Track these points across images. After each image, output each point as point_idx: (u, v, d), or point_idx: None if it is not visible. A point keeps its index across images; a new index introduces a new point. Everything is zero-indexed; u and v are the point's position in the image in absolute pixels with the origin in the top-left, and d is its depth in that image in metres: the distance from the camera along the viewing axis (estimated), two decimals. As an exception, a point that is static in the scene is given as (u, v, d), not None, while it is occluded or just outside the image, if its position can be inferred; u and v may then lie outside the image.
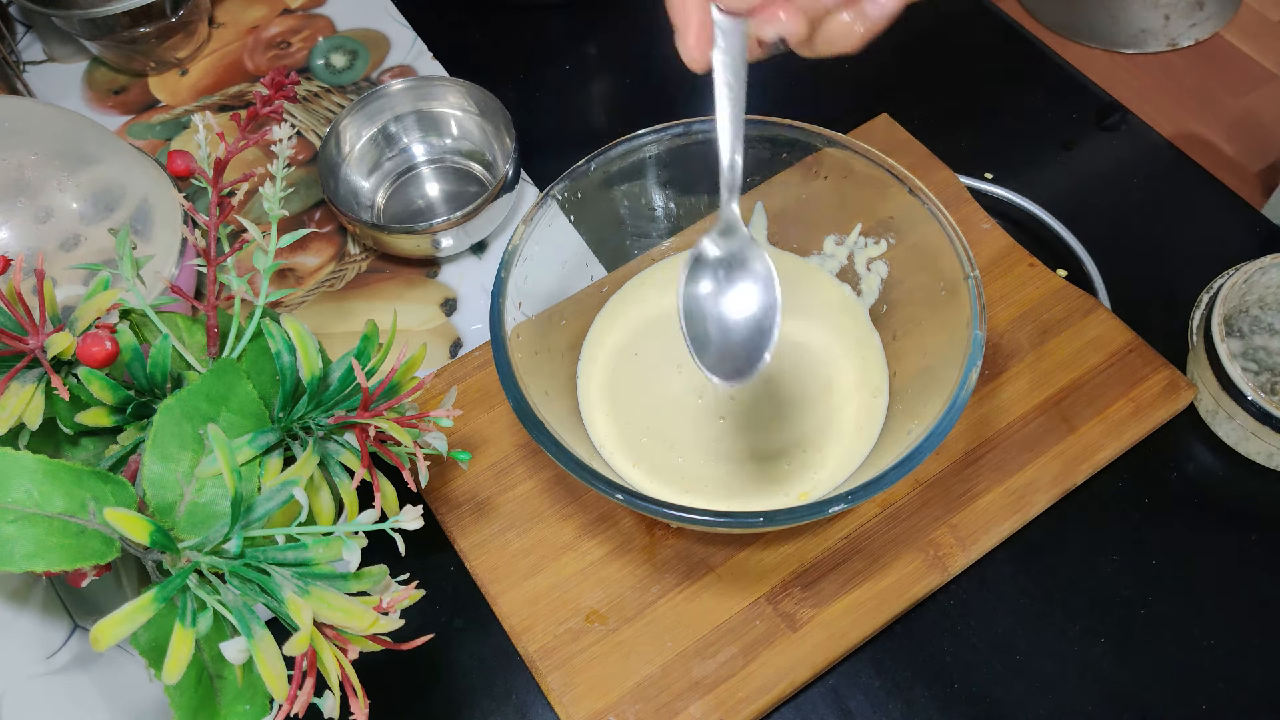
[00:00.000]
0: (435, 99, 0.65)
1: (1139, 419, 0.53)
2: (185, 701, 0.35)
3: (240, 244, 0.43)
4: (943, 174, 0.61)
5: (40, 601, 0.51)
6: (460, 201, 0.65)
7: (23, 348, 0.39)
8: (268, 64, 0.74)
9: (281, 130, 0.42)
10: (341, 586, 0.35)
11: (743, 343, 0.40)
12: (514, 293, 0.47)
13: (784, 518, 0.41)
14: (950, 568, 0.49)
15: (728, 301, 0.41)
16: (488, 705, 0.49)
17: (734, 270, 0.41)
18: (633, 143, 0.50)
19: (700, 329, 0.41)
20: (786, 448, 0.50)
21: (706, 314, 0.41)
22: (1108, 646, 0.49)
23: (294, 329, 0.40)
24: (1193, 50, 1.52)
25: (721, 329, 0.41)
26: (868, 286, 0.54)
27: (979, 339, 0.43)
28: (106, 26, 0.69)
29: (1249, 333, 0.56)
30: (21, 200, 0.53)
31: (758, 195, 0.54)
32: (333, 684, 0.34)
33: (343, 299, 0.62)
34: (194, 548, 0.36)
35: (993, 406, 0.53)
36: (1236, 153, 1.42)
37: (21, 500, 0.34)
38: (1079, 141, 0.66)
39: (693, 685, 0.47)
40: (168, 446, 0.38)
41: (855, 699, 0.48)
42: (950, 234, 0.46)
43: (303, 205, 0.66)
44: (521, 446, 0.53)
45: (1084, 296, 0.56)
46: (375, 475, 0.41)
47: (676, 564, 0.50)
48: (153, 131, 0.70)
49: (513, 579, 0.50)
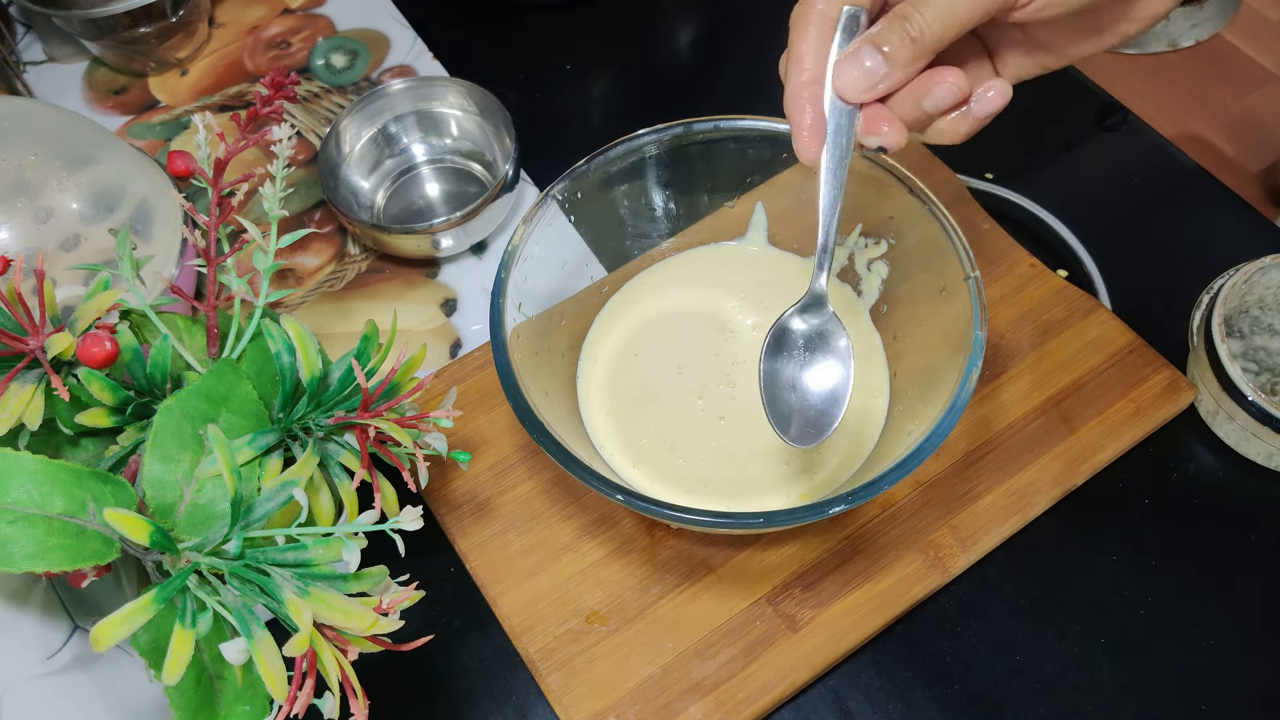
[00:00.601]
0: (435, 99, 0.65)
1: (1139, 419, 0.53)
2: (185, 702, 0.35)
3: (240, 244, 0.43)
4: (943, 174, 0.61)
5: (40, 602, 0.51)
6: (460, 201, 0.65)
7: (23, 348, 0.38)
8: (268, 64, 0.74)
9: (281, 130, 0.42)
10: (341, 587, 0.35)
11: (816, 410, 0.43)
12: (514, 293, 0.47)
13: (784, 518, 0.41)
14: (951, 568, 0.49)
15: (807, 375, 0.44)
16: (488, 706, 0.49)
17: (815, 346, 0.44)
18: (633, 143, 0.50)
19: (777, 396, 0.44)
20: (787, 448, 0.50)
21: (783, 383, 0.44)
22: (1108, 646, 0.49)
23: (294, 329, 0.40)
24: (1193, 50, 1.52)
25: (799, 397, 0.44)
26: (868, 286, 0.54)
27: (979, 339, 0.43)
28: (106, 26, 0.69)
29: (1249, 333, 0.56)
30: (21, 200, 0.53)
31: (758, 195, 0.54)
32: (332, 685, 0.34)
33: (343, 299, 0.62)
34: (194, 548, 0.36)
35: (993, 407, 0.53)
36: (1236, 153, 1.42)
37: (21, 501, 0.34)
38: (1079, 141, 0.66)
39: (693, 686, 0.47)
40: (168, 447, 0.38)
41: (855, 700, 0.48)
42: (950, 234, 0.46)
43: (303, 205, 0.66)
44: (521, 447, 0.53)
45: (1084, 297, 0.56)
46: (375, 476, 0.41)
47: (677, 565, 0.50)
48: (153, 132, 0.70)
49: (513, 580, 0.50)
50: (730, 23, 0.75)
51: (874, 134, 0.39)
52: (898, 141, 0.39)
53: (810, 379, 0.44)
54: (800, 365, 0.44)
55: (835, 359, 0.44)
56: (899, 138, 0.39)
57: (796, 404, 0.44)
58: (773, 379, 0.44)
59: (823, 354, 0.44)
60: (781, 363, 0.44)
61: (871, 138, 0.39)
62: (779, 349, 0.44)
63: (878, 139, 0.39)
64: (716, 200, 0.55)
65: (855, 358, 0.44)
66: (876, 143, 0.39)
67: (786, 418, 0.43)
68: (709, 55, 0.74)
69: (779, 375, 0.44)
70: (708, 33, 0.75)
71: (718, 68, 0.72)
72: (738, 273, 0.56)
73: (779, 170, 0.52)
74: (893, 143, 0.39)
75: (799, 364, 0.44)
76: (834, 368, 0.44)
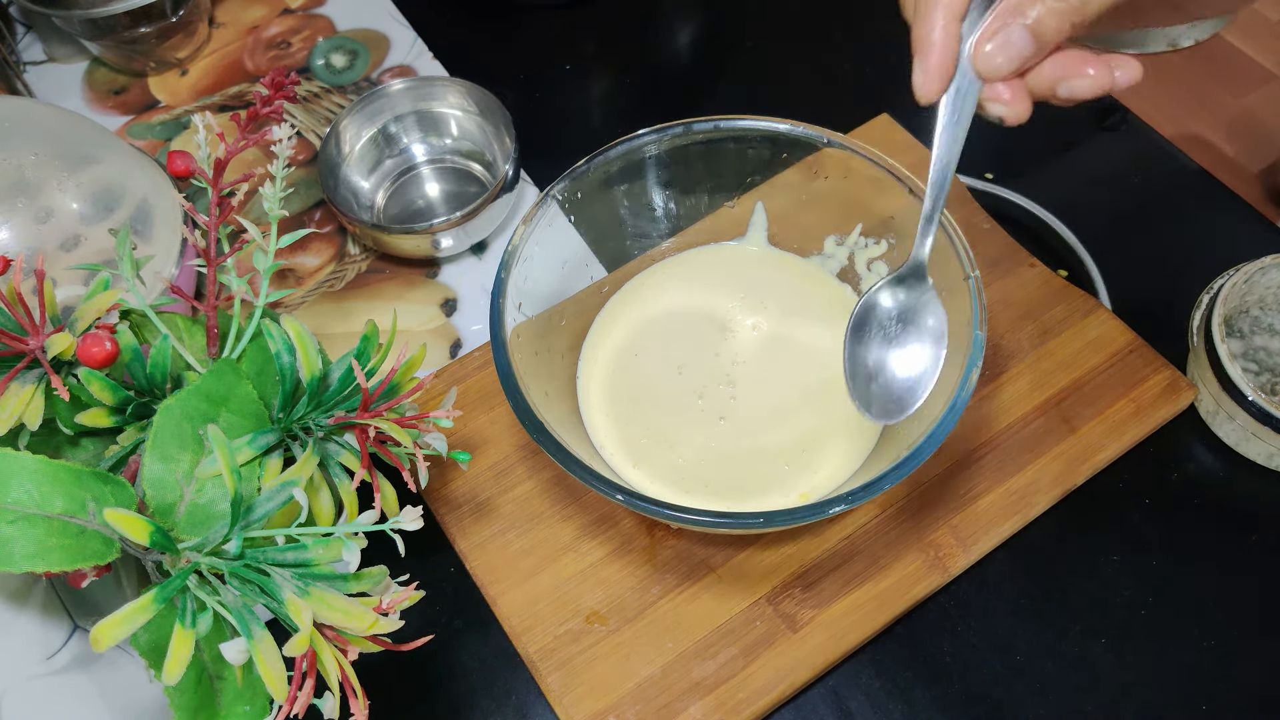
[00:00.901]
0: (435, 99, 0.65)
1: (1139, 419, 0.53)
2: (185, 702, 0.35)
3: (240, 244, 0.43)
4: (943, 174, 0.61)
5: (40, 602, 0.51)
6: (460, 201, 0.65)
7: (23, 348, 0.38)
8: (268, 64, 0.74)
9: (281, 130, 0.42)
10: (341, 587, 0.35)
11: (900, 388, 0.42)
12: (514, 293, 0.47)
13: (784, 518, 0.41)
14: (950, 568, 0.49)
15: (895, 353, 0.43)
16: (488, 706, 0.49)
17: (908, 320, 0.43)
18: (633, 143, 0.50)
19: (862, 369, 0.43)
20: (786, 448, 0.50)
21: (871, 358, 0.43)
22: (1108, 646, 0.49)
23: (294, 329, 0.40)
24: (1193, 50, 1.51)
25: (885, 373, 0.43)
26: (868, 286, 0.54)
27: (979, 339, 0.43)
28: (106, 26, 0.69)
29: (1249, 333, 0.56)
30: (21, 200, 0.53)
31: (758, 195, 0.54)
32: (332, 685, 0.34)
33: (343, 299, 0.62)
34: (194, 548, 0.36)
35: (993, 407, 0.53)
36: (1236, 153, 1.42)
37: (21, 500, 0.34)
38: (1079, 141, 0.66)
39: (693, 686, 0.47)
40: (168, 447, 0.38)
41: (856, 700, 0.48)
42: (950, 234, 0.46)
43: (303, 205, 0.66)
44: (521, 447, 0.53)
45: (1084, 297, 0.56)
46: (375, 476, 0.41)
47: (677, 565, 0.50)
48: (153, 131, 0.70)
49: (513, 580, 0.50)
50: (730, 23, 0.75)
51: (999, 101, 0.37)
52: (1021, 116, 0.37)
53: (898, 359, 0.42)
54: (889, 343, 0.42)
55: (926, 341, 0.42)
56: (1024, 111, 0.37)
57: (880, 379, 0.42)
58: (857, 355, 0.42)
59: (915, 335, 0.42)
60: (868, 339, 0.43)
61: (996, 105, 0.37)
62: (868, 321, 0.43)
63: (1002, 107, 0.37)
64: (716, 200, 0.55)
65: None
66: (1000, 112, 0.37)
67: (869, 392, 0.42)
68: (709, 55, 0.74)
69: (864, 351, 0.43)
70: (708, 33, 0.75)
71: (718, 68, 0.72)
72: (738, 273, 0.56)
73: (779, 170, 0.52)
74: (1015, 116, 0.37)
75: (887, 341, 0.42)
76: (925, 351, 0.42)
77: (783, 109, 0.51)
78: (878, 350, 0.43)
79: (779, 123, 0.50)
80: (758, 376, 0.52)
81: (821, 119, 0.50)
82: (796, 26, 0.74)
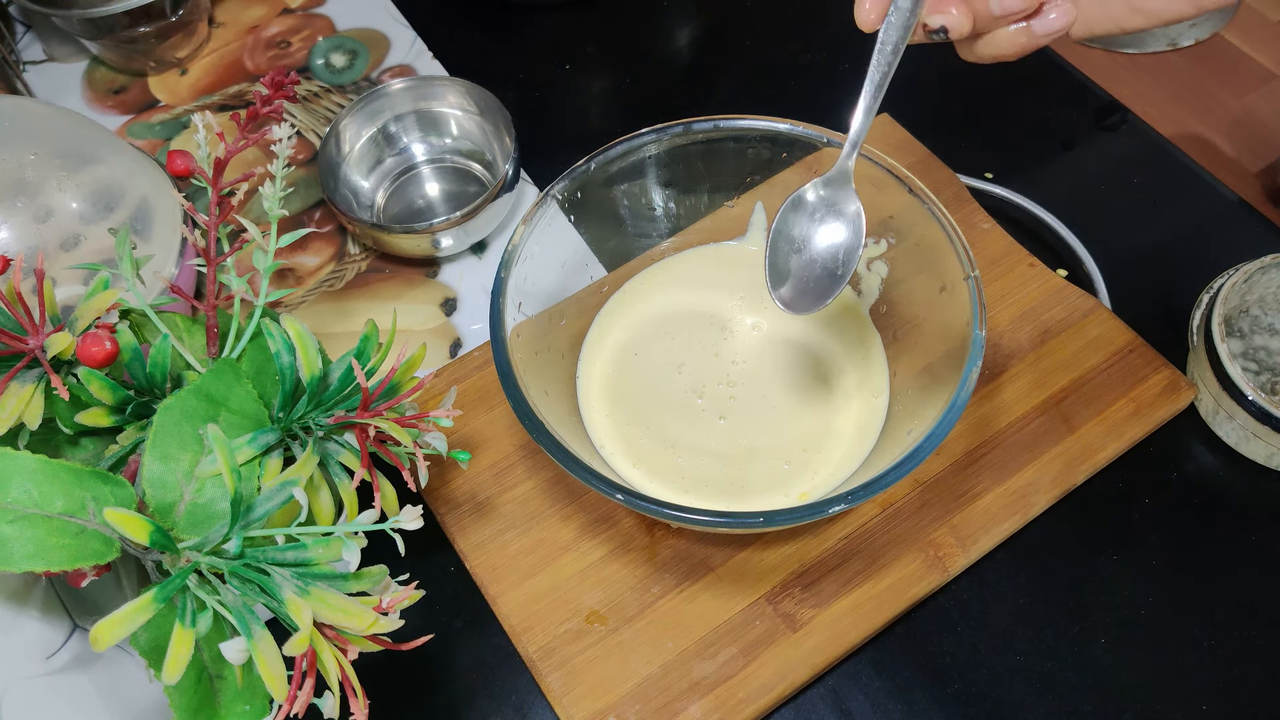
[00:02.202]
0: (435, 99, 0.65)
1: (1139, 419, 0.53)
2: (185, 702, 0.35)
3: (240, 244, 0.43)
4: (943, 174, 0.61)
5: (40, 601, 0.51)
6: (460, 201, 0.65)
7: (23, 348, 0.38)
8: (268, 64, 0.74)
9: (281, 130, 0.42)
10: (341, 587, 0.35)
11: (818, 279, 0.44)
12: (514, 293, 0.47)
13: (784, 518, 0.41)
14: (950, 568, 0.49)
15: (815, 238, 0.44)
16: (488, 705, 0.49)
17: (827, 213, 0.44)
18: (633, 143, 0.50)
19: (781, 263, 0.44)
20: (786, 448, 0.50)
21: (790, 248, 0.44)
22: (1108, 646, 0.49)
23: (294, 329, 0.40)
24: (1193, 50, 1.52)
25: (802, 264, 0.44)
26: (868, 286, 0.54)
27: (979, 339, 0.43)
28: (106, 26, 0.69)
29: (1249, 333, 0.56)
30: (21, 200, 0.53)
31: (758, 195, 0.54)
32: (332, 684, 0.34)
33: (342, 299, 0.62)
34: (194, 548, 0.36)
35: (993, 406, 0.53)
36: (1236, 153, 1.42)
37: (21, 500, 0.34)
38: (1079, 141, 0.66)
39: (693, 686, 0.47)
40: (167, 446, 0.38)
41: (855, 699, 0.48)
42: (950, 234, 0.46)
43: (303, 205, 0.66)
44: (521, 447, 0.53)
45: (1084, 296, 0.56)
46: (375, 475, 0.41)
47: (676, 564, 0.50)
48: (153, 131, 0.70)
49: (513, 579, 0.50)
50: (730, 23, 0.75)
51: (940, 13, 0.38)
52: (962, 26, 0.38)
53: (817, 245, 0.44)
54: (808, 232, 0.44)
55: (845, 224, 0.43)
56: (965, 22, 0.38)
57: (798, 271, 0.44)
58: (779, 239, 0.44)
59: (833, 219, 0.44)
60: (791, 224, 0.44)
61: (936, 16, 0.38)
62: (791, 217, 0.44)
63: (942, 18, 0.38)
64: (716, 200, 0.55)
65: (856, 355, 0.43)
66: (940, 22, 0.38)
67: (784, 279, 0.43)
68: (709, 55, 0.74)
69: (787, 236, 0.44)
70: (707, 33, 0.75)
71: (718, 68, 0.72)
72: (738, 273, 0.56)
73: (779, 170, 0.52)
74: (956, 26, 0.38)
75: (807, 231, 0.44)
76: (842, 232, 0.43)
77: (783, 109, 0.51)
78: (800, 235, 0.44)
79: (779, 122, 0.50)
80: (758, 376, 0.52)
81: (821, 119, 0.50)
82: (796, 26, 0.74)
